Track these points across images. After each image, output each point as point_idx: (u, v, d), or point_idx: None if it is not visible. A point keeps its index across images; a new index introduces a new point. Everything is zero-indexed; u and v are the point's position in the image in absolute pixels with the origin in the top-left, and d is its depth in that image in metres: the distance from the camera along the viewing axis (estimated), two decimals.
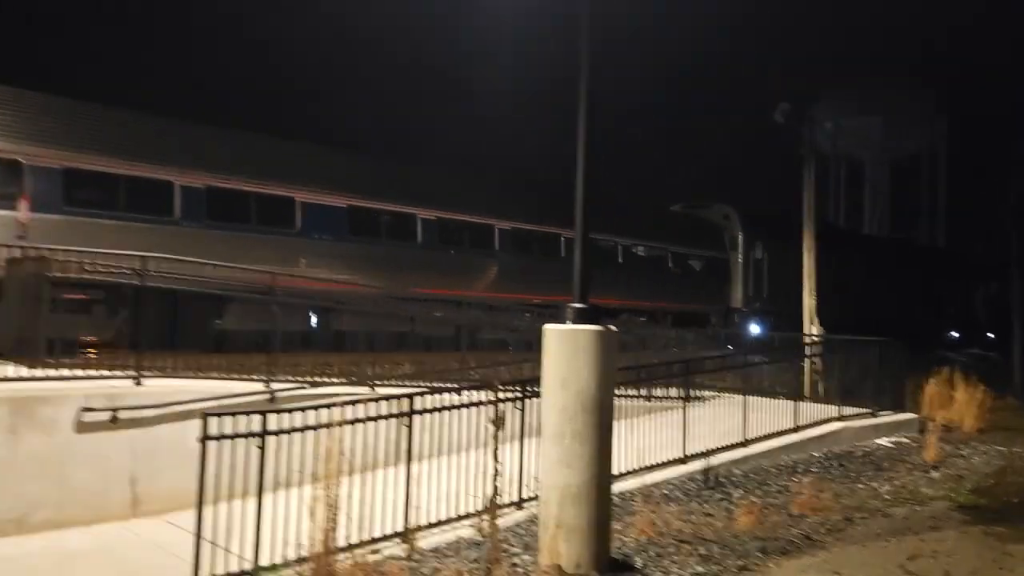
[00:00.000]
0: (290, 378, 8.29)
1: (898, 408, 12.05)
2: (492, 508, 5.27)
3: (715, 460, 8.31)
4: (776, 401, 10.10)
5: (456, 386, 8.16)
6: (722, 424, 8.99)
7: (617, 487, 7.12)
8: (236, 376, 7.99)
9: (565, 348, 5.12)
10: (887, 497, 8.03)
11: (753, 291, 23.30)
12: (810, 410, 10.30)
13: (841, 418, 10.57)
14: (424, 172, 16.33)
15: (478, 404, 5.97)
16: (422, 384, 9.59)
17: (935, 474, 9.32)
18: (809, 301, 16.35)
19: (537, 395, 5.81)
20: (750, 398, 9.82)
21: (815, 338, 15.91)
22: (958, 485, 8.85)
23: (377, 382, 9.62)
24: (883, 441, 10.83)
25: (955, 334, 34.01)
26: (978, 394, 14.23)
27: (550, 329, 5.27)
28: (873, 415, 11.23)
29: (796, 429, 9.71)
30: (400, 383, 9.92)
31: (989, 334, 37.11)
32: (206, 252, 11.52)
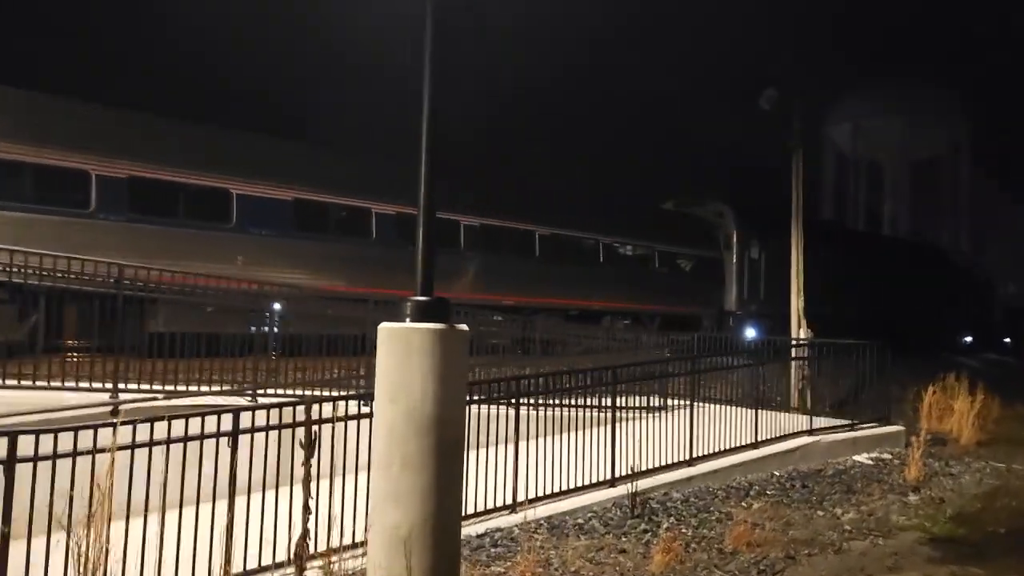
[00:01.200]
0: (147, 387, 7.33)
1: (882, 419, 10.87)
2: (299, 558, 4.21)
3: (651, 482, 7.23)
4: (742, 411, 9.00)
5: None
6: (672, 439, 7.91)
7: (516, 518, 6.10)
8: (74, 386, 7.02)
9: (395, 352, 4.10)
10: (848, 527, 6.91)
11: (748, 293, 22.09)
12: (777, 422, 9.17)
13: (812, 431, 9.43)
14: (384, 164, 15.35)
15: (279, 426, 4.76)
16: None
17: (913, 497, 8.17)
18: (797, 302, 15.18)
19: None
20: (715, 408, 8.74)
21: (802, 342, 14.74)
22: (937, 511, 7.70)
23: (269, 391, 8.65)
24: (861, 458, 9.67)
25: (969, 338, 32.49)
26: (977, 403, 13.01)
27: (382, 329, 4.25)
28: (851, 427, 10.08)
29: (756, 444, 8.59)
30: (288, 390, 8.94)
31: (1006, 339, 35.57)
32: (131, 248, 10.66)
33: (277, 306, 9.59)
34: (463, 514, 5.64)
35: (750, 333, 23.10)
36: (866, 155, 60.40)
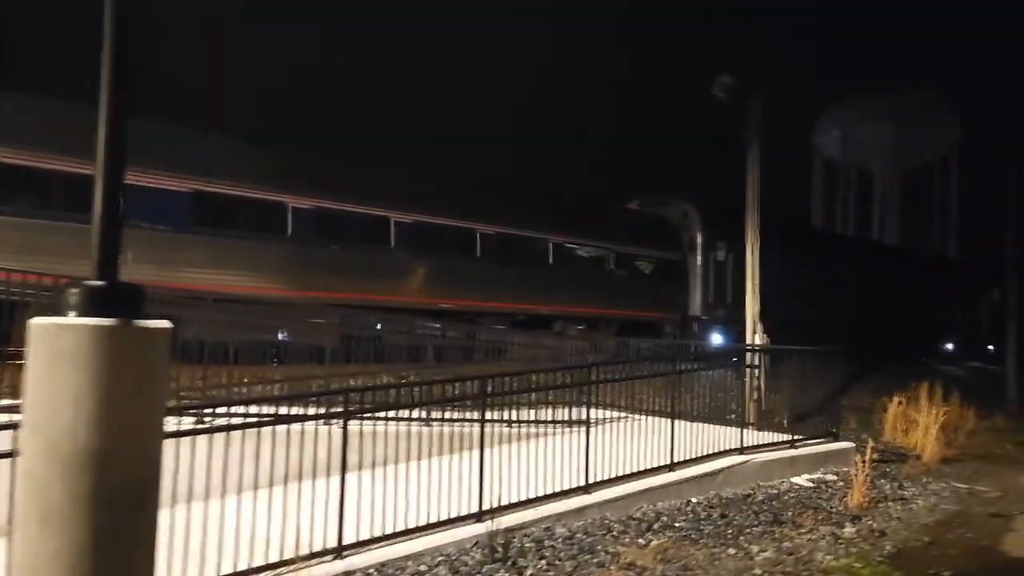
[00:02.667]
0: None
1: (829, 434, 9.69)
2: None
3: (531, 514, 6.04)
4: (663, 425, 7.82)
5: None
6: (568, 461, 6.71)
7: (338, 567, 4.90)
8: None
9: (39, 361, 2.90)
10: (758, 571, 5.73)
11: (715, 297, 20.96)
12: (705, 438, 7.97)
13: (743, 450, 8.24)
14: (301, 155, 14.19)
15: None
16: None
17: (849, 529, 6.98)
18: (752, 306, 14.02)
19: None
20: (629, 423, 7.57)
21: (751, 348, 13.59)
22: (874, 547, 6.51)
23: None
24: (801, 480, 8.50)
25: (950, 346, 31.40)
26: (940, 416, 11.86)
27: (31, 326, 3.03)
28: (792, 444, 8.89)
29: (672, 466, 7.40)
30: None
31: (990, 346, 34.47)
32: None
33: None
34: (263, 563, 4.48)
35: (716, 339, 21.98)
36: (856, 163, 59.83)
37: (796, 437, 9.01)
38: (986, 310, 32.75)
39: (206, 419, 6.15)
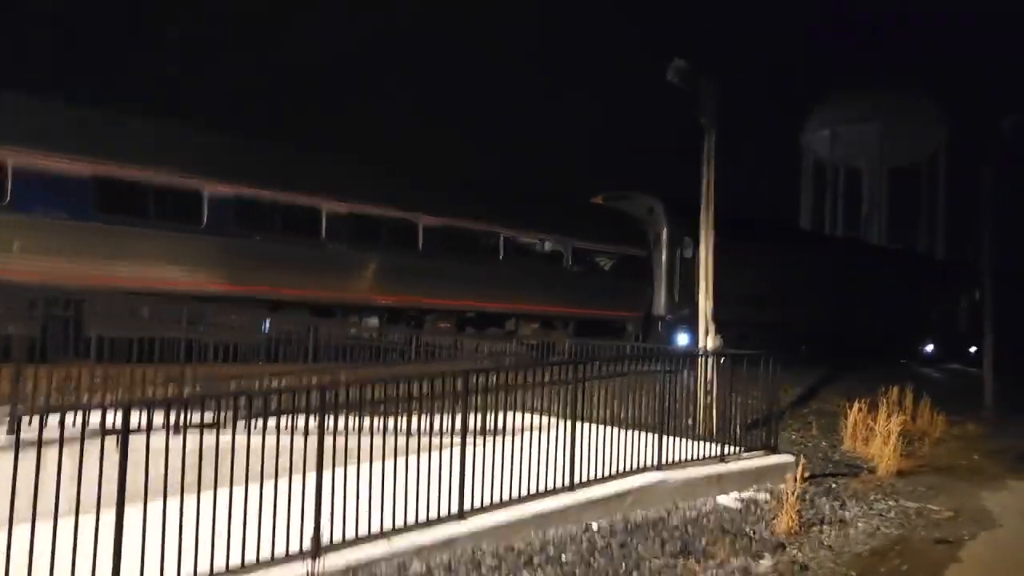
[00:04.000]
0: None
1: (767, 447, 8.82)
2: None
3: (380, 550, 5.14)
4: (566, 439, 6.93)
5: None
6: (444, 482, 5.81)
7: None
8: None
9: None
10: None
11: (680, 296, 20.06)
12: (614, 453, 7.08)
13: (662, 466, 7.35)
14: (219, 137, 13.23)
15: None
16: None
17: (766, 562, 6.12)
18: (705, 305, 13.15)
19: None
20: (548, 432, 6.65)
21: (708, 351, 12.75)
22: None
23: None
24: (727, 499, 7.62)
25: (929, 348, 30.62)
26: (897, 424, 11.03)
27: None
28: (722, 459, 8.00)
29: (572, 487, 6.51)
30: None
31: (972, 348, 33.73)
32: None
33: None
34: None
35: (682, 339, 21.12)
36: (845, 162, 59.25)
37: (728, 451, 8.12)
38: (967, 311, 32.00)
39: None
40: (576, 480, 6.55)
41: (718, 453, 7.98)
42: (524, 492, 6.14)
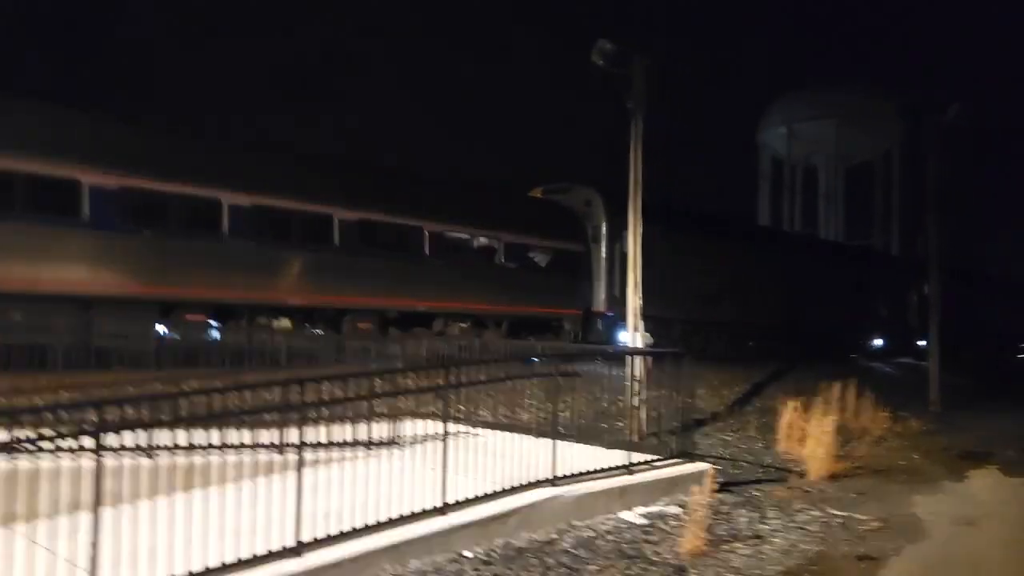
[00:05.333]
0: None
1: (683, 454, 8.06)
2: None
3: None
4: (462, 451, 6.11)
5: None
6: (276, 511, 4.93)
7: None
8: None
9: None
10: None
11: (621, 291, 19.29)
12: (498, 467, 6.26)
13: (556, 480, 6.54)
14: (102, 122, 12.13)
15: None
16: None
17: None
18: (634, 300, 12.42)
19: None
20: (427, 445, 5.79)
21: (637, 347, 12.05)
22: None
23: None
24: (632, 515, 6.83)
25: (879, 342, 30.42)
26: (828, 424, 10.39)
27: None
28: (628, 469, 7.22)
29: (443, 509, 5.67)
30: None
31: (921, 342, 33.71)
32: None
33: None
34: None
35: (624, 336, 20.44)
36: (801, 159, 59.51)
37: (635, 460, 7.33)
38: (916, 305, 31.87)
39: None
40: (449, 500, 5.70)
41: (624, 463, 7.18)
42: (382, 518, 5.27)
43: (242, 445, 5.32)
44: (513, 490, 6.17)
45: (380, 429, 7.12)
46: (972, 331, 33.25)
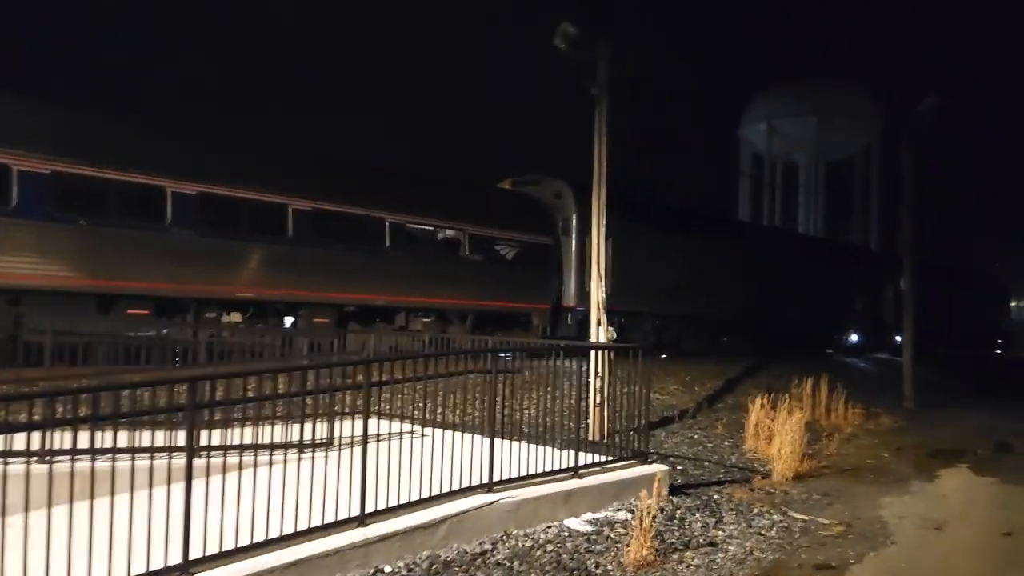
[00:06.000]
0: None
1: (638, 455, 7.58)
2: None
3: None
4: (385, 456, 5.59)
5: None
6: (159, 525, 4.40)
7: None
8: None
9: None
10: None
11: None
12: (428, 473, 5.76)
13: (492, 485, 6.04)
14: (37, 107, 11.50)
15: None
16: None
17: None
18: (597, 293, 11.98)
19: None
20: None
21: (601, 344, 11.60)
22: None
23: None
24: (577, 522, 6.36)
25: (855, 337, 30.22)
26: (795, 422, 10.00)
27: None
28: (575, 473, 6.74)
29: (362, 519, 5.16)
30: None
31: (898, 337, 33.58)
32: None
33: None
34: None
35: (609, 333, 20.00)
36: (782, 155, 59.53)
37: (584, 462, 6.85)
38: (892, 300, 31.72)
39: None
40: (373, 508, 5.20)
41: (571, 466, 6.70)
42: (288, 530, 4.76)
43: (119, 450, 4.79)
44: (444, 496, 5.68)
45: (306, 430, 6.60)
46: (950, 326, 33.19)
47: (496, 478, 6.08)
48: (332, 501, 5.06)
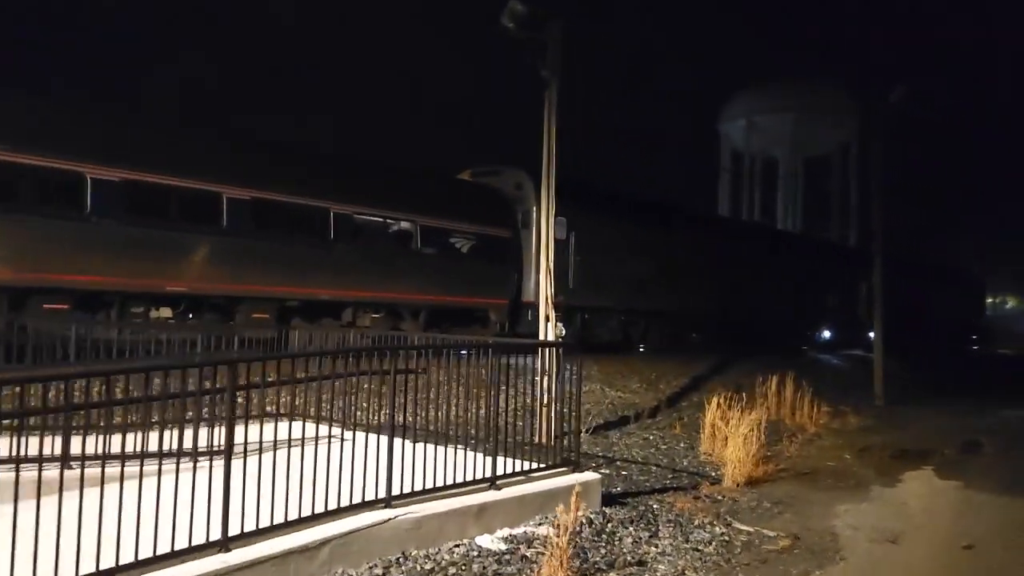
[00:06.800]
0: None
1: (568, 462, 6.92)
2: None
3: None
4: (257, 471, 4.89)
5: None
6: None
7: None
8: None
9: None
10: None
11: (554, 281, 18.23)
12: (325, 486, 5.07)
13: (391, 500, 5.36)
14: None
15: None
16: None
17: None
18: (545, 287, 11.35)
19: None
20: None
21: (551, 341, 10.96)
22: None
23: None
24: (489, 541, 5.68)
25: (827, 334, 29.80)
26: (745, 424, 9.40)
27: None
28: (492, 484, 6.07)
29: (224, 544, 4.46)
30: None
31: (871, 333, 33.25)
32: None
33: None
34: None
35: (559, 329, 19.36)
36: (761, 151, 59.40)
37: (502, 471, 6.18)
38: (867, 297, 31.33)
39: None
40: (233, 531, 4.50)
41: (488, 476, 6.03)
42: (128, 559, 4.05)
43: None
44: (330, 514, 4.99)
45: (185, 437, 5.87)
46: (925, 323, 32.87)
47: (398, 491, 5.40)
48: (201, 521, 4.36)
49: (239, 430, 5.81)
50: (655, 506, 7.25)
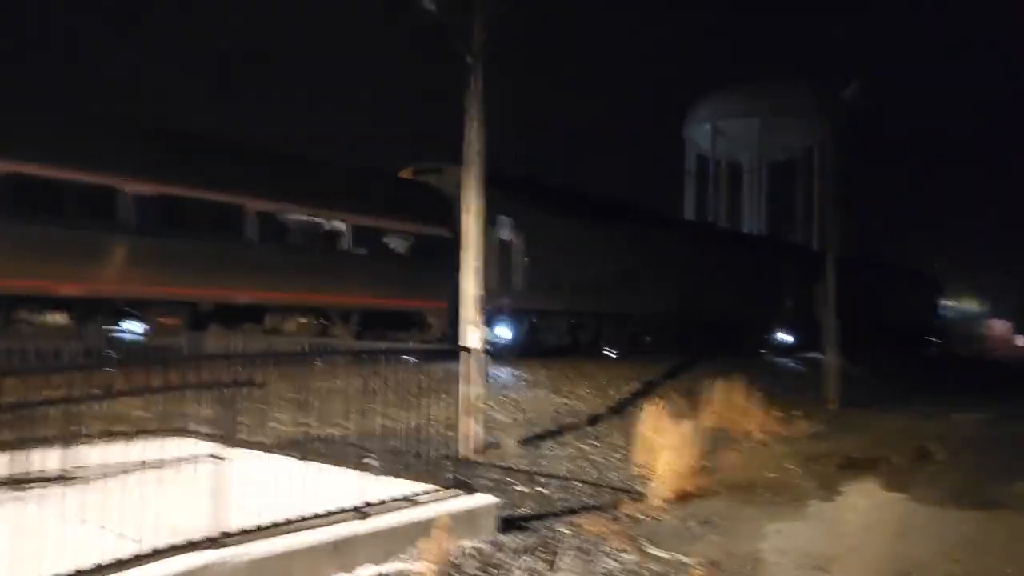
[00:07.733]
0: None
1: (460, 484, 6.09)
2: None
3: None
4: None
5: None
6: None
7: None
8: None
9: None
10: None
11: (499, 283, 17.49)
12: (149, 519, 4.21)
13: (224, 539, 4.50)
14: None
15: None
16: None
17: None
18: (473, 289, 10.57)
19: None
20: None
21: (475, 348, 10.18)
22: None
23: None
24: None
25: (788, 336, 29.36)
26: (687, 431, 8.69)
27: None
28: (359, 512, 5.22)
29: None
30: None
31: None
32: None
33: None
34: None
35: (503, 333, 18.63)
36: (726, 155, 59.45)
37: (371, 500, 5.33)
38: (821, 298, 30.93)
39: None
40: None
41: (360, 504, 5.18)
42: None
43: None
44: (135, 561, 4.12)
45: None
46: (882, 323, 32.62)
47: (229, 529, 4.54)
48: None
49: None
50: (563, 530, 6.46)
